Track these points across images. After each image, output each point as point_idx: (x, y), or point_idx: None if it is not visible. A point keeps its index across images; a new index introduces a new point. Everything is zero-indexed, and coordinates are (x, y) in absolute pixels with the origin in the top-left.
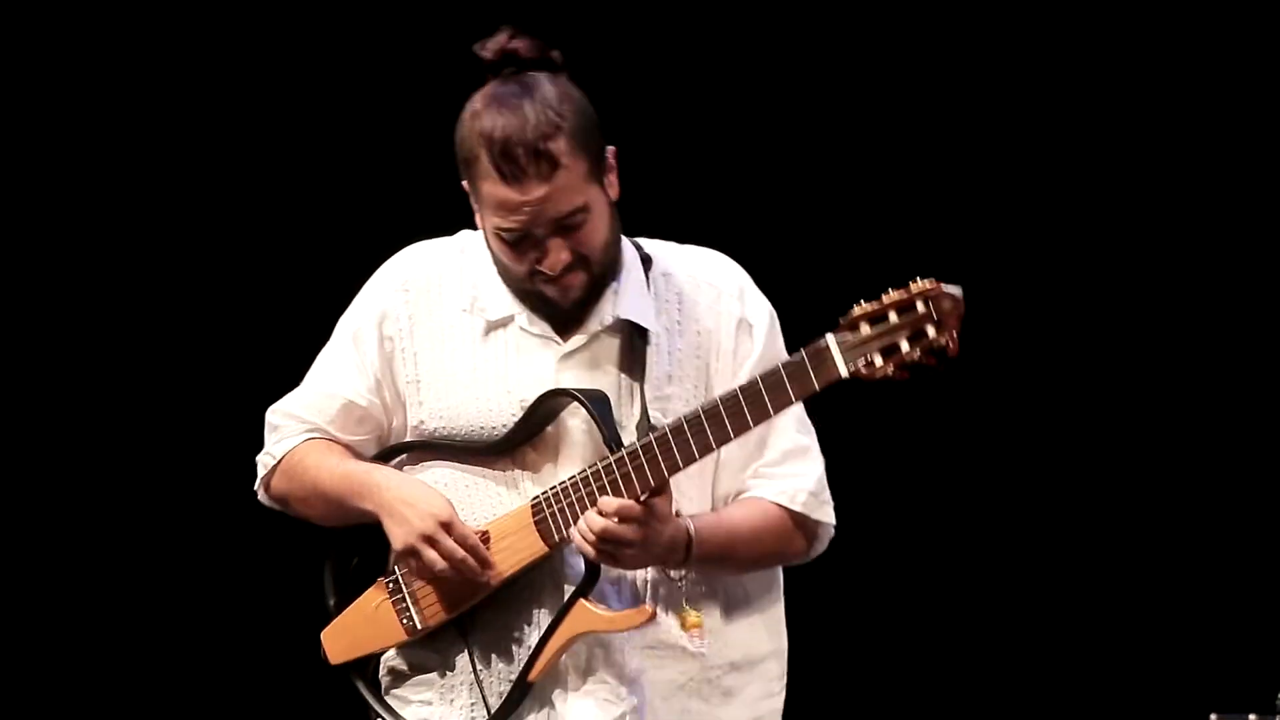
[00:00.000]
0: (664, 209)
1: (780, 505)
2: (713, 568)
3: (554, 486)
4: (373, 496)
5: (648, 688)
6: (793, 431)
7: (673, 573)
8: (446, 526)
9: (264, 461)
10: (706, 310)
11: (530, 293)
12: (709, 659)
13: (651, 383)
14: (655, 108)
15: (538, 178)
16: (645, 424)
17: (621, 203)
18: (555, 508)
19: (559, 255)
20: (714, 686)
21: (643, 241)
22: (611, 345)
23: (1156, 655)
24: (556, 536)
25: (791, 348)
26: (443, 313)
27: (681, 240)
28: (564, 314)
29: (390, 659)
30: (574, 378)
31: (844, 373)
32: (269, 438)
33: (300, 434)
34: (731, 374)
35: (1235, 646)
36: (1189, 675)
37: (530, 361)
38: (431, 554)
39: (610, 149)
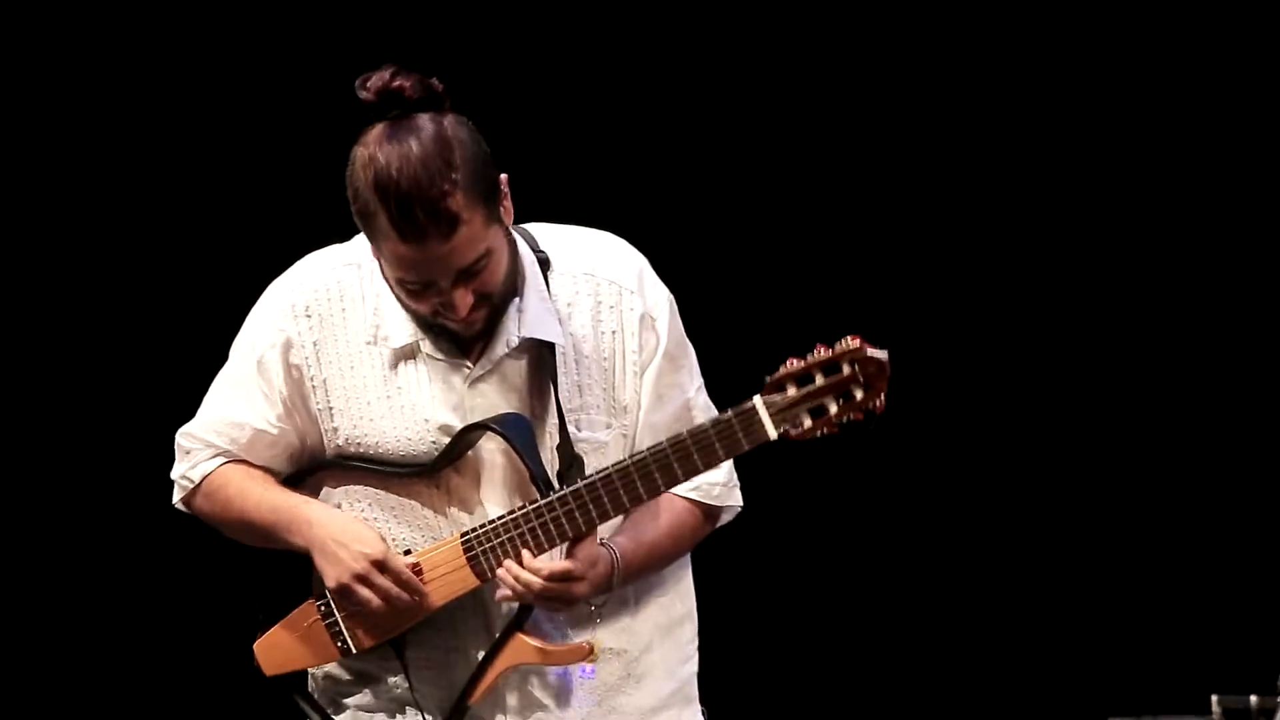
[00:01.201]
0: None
1: (694, 501)
2: (634, 581)
3: (484, 525)
4: (303, 533)
5: (580, 699)
6: (688, 422)
7: (594, 601)
8: (379, 565)
9: (181, 484)
10: (609, 310)
11: (433, 324)
12: (630, 653)
13: (564, 398)
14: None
15: (438, 236)
16: (565, 444)
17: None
18: (486, 546)
19: (464, 300)
20: (631, 677)
21: (536, 232)
22: (520, 364)
23: (1159, 639)
24: (490, 574)
25: (746, 382)
26: (347, 340)
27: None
28: (468, 337)
29: (317, 671)
30: (486, 400)
31: (773, 435)
32: (180, 460)
33: (210, 459)
34: (639, 371)
35: (1236, 630)
36: (1191, 658)
37: (441, 388)
38: (365, 593)
39: (503, 177)
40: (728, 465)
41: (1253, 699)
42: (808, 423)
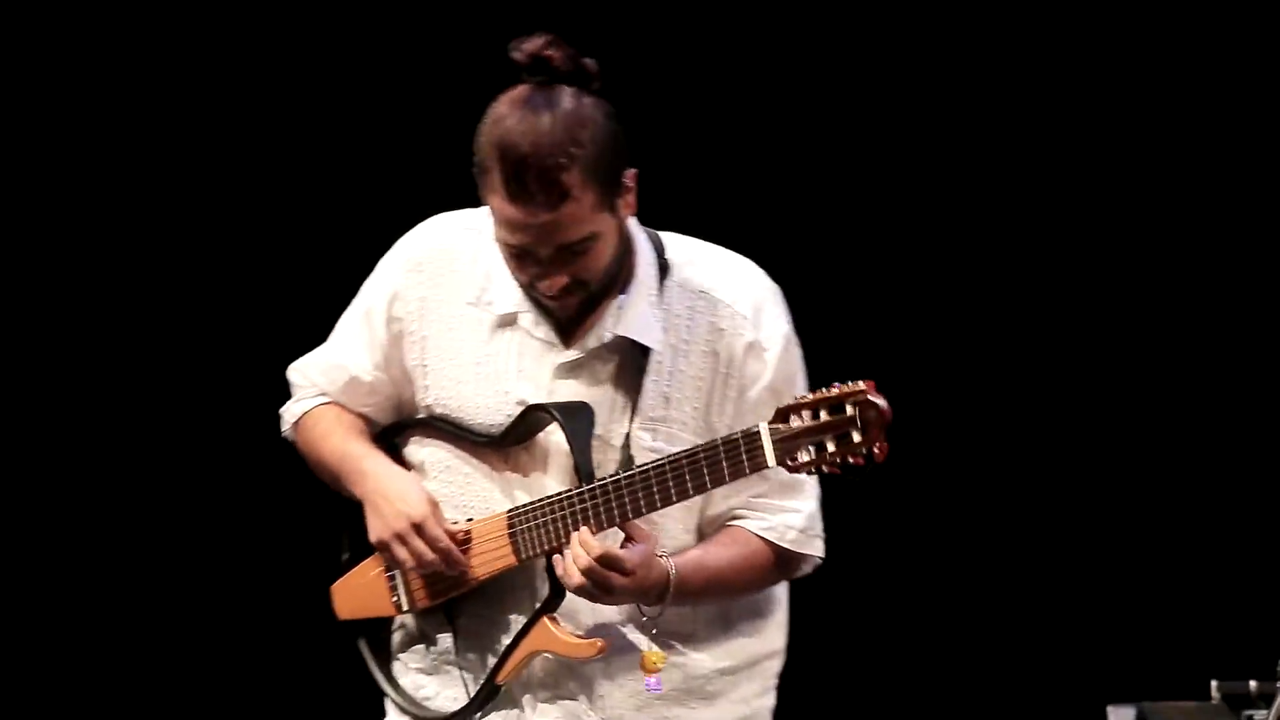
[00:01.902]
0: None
1: (767, 541)
2: (690, 604)
3: (530, 504)
4: (359, 484)
5: (620, 700)
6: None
7: (645, 609)
8: (418, 527)
9: (286, 418)
10: (717, 331)
11: (538, 301)
12: (693, 667)
13: (646, 403)
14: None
15: (545, 205)
16: (627, 449)
17: (663, 201)
18: (527, 524)
19: (557, 279)
20: (695, 694)
21: (667, 240)
22: (611, 360)
23: (1158, 625)
24: (525, 554)
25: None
26: (453, 300)
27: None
28: (567, 317)
29: (400, 621)
30: (570, 388)
31: (771, 463)
32: (293, 394)
33: (314, 398)
34: (737, 397)
35: (1235, 615)
36: (1190, 644)
37: (530, 365)
38: (402, 552)
39: (630, 172)
40: (808, 512)
41: (1252, 684)
42: (804, 457)
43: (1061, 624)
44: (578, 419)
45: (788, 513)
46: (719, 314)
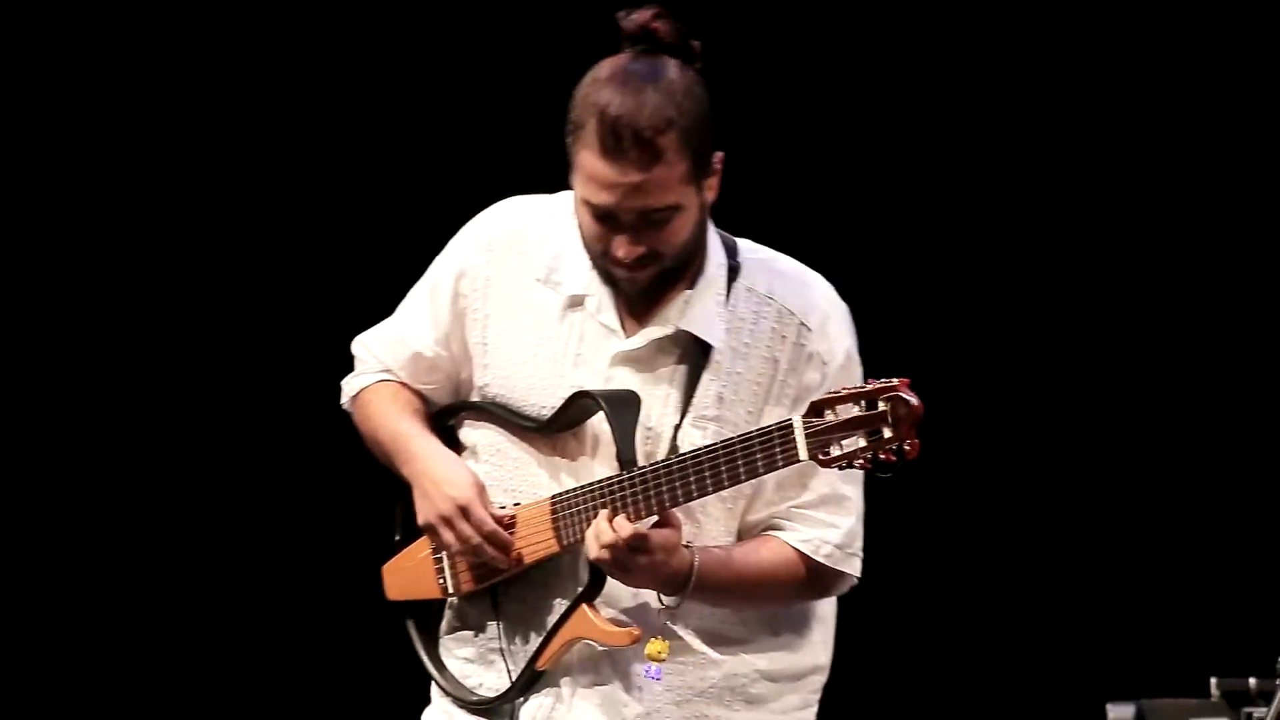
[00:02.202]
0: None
1: (801, 553)
2: (712, 603)
3: (573, 490)
4: (408, 465)
5: (659, 692)
6: (835, 477)
7: (664, 599)
8: (464, 510)
9: (345, 391)
10: (780, 338)
11: (602, 269)
12: (734, 666)
13: (700, 401)
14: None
15: (637, 164)
16: (674, 444)
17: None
18: (570, 510)
19: (635, 247)
20: (737, 694)
21: (744, 245)
22: (671, 353)
23: (1157, 622)
24: (567, 540)
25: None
26: (519, 279)
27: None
28: (632, 304)
29: (448, 604)
30: (626, 377)
31: (803, 456)
32: (355, 368)
33: (374, 373)
34: (790, 406)
35: (1234, 613)
36: (1189, 641)
37: (589, 351)
38: (448, 535)
39: (718, 155)
40: (847, 528)
41: (1251, 681)
42: (835, 451)
43: (1061, 621)
44: (623, 407)
45: (826, 527)
46: (784, 322)
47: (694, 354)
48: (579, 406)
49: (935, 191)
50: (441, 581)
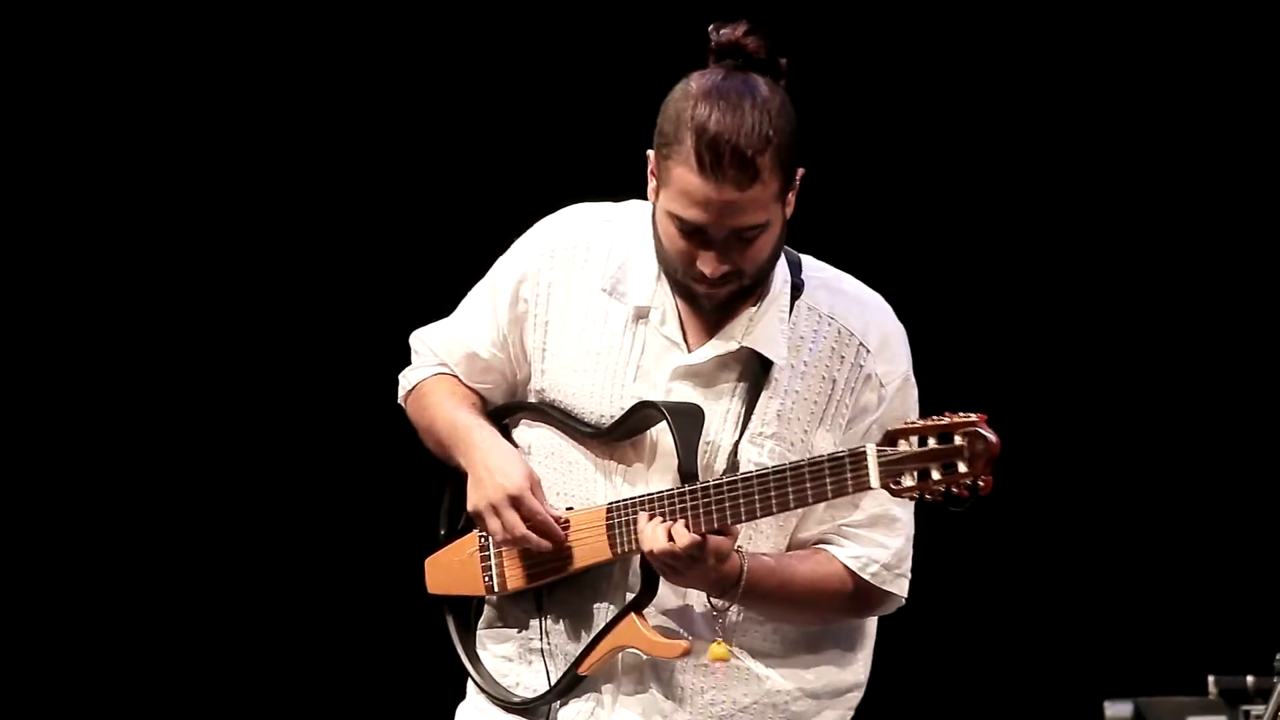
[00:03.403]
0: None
1: (850, 569)
2: (758, 609)
3: (630, 499)
4: (465, 454)
5: (701, 705)
6: (886, 498)
7: (714, 602)
8: (515, 500)
9: (402, 384)
10: (839, 359)
11: (676, 283)
12: (777, 683)
13: (759, 418)
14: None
15: (735, 183)
16: (734, 458)
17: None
18: (626, 518)
19: (721, 265)
20: (779, 710)
21: (807, 262)
22: (733, 368)
23: (1155, 620)
24: (620, 548)
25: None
26: (582, 287)
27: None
28: (695, 318)
29: (489, 603)
30: (686, 391)
31: (875, 484)
32: (412, 361)
33: (432, 367)
34: (845, 426)
35: (1232, 610)
36: (1187, 639)
37: (650, 363)
38: (495, 523)
39: (800, 170)
40: (895, 549)
41: (1249, 679)
42: (908, 482)
43: (1059, 619)
44: (687, 420)
45: (876, 546)
46: (843, 342)
47: (755, 370)
48: (641, 416)
49: (934, 191)
50: (488, 579)
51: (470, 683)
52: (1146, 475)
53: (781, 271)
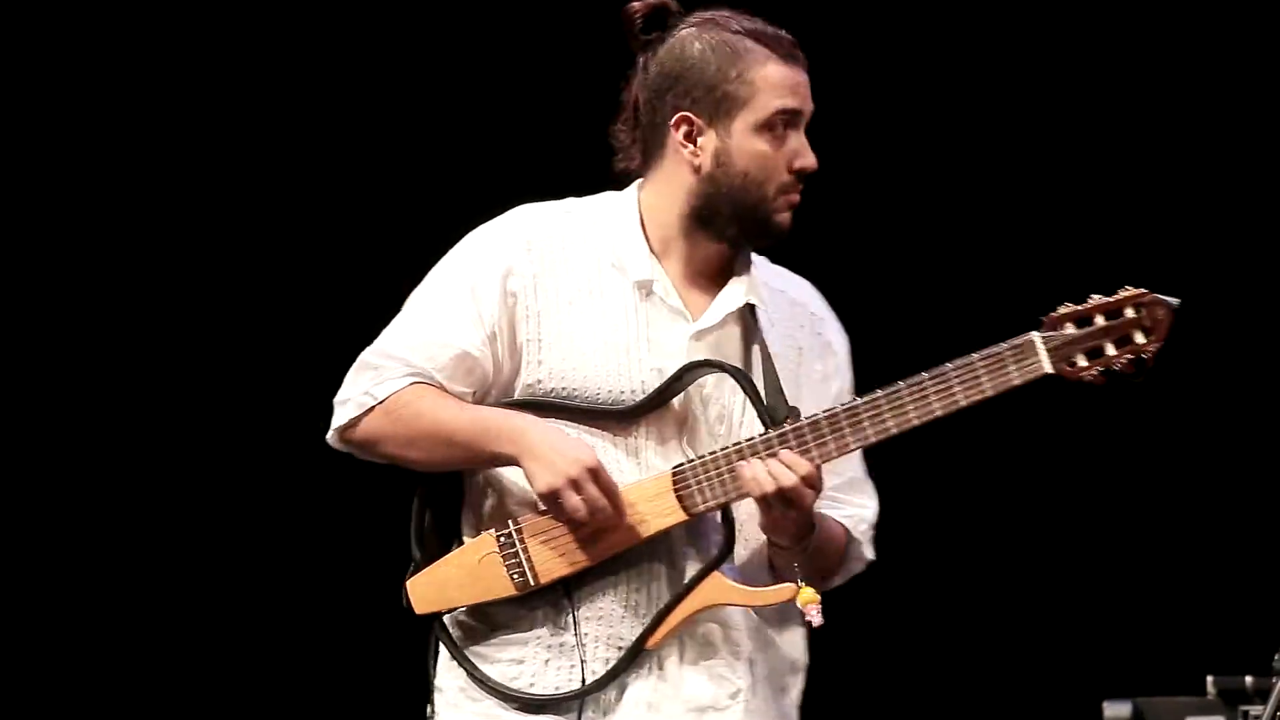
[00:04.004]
0: None
1: (845, 527)
2: (804, 560)
3: (701, 457)
4: (515, 440)
5: (756, 671)
6: (858, 461)
7: (786, 546)
8: (594, 474)
9: (359, 401)
10: (798, 327)
11: (754, 220)
12: (777, 655)
13: (780, 367)
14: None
15: (805, 66)
16: (784, 405)
17: None
18: (701, 477)
19: (812, 155)
20: (778, 683)
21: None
22: (734, 333)
23: (1153, 620)
24: (702, 505)
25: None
26: (567, 276)
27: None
28: (692, 291)
29: (461, 615)
30: (703, 354)
31: (1048, 369)
32: (362, 377)
33: (403, 377)
34: (816, 396)
35: (1231, 611)
36: (1185, 639)
37: (660, 335)
38: (575, 500)
39: None
40: (874, 509)
41: (1248, 679)
42: (1083, 362)
43: (1057, 619)
44: (744, 375)
45: (862, 508)
46: (796, 311)
47: (749, 328)
48: (681, 382)
49: (931, 192)
50: (518, 577)
51: (469, 692)
52: (1146, 476)
53: None
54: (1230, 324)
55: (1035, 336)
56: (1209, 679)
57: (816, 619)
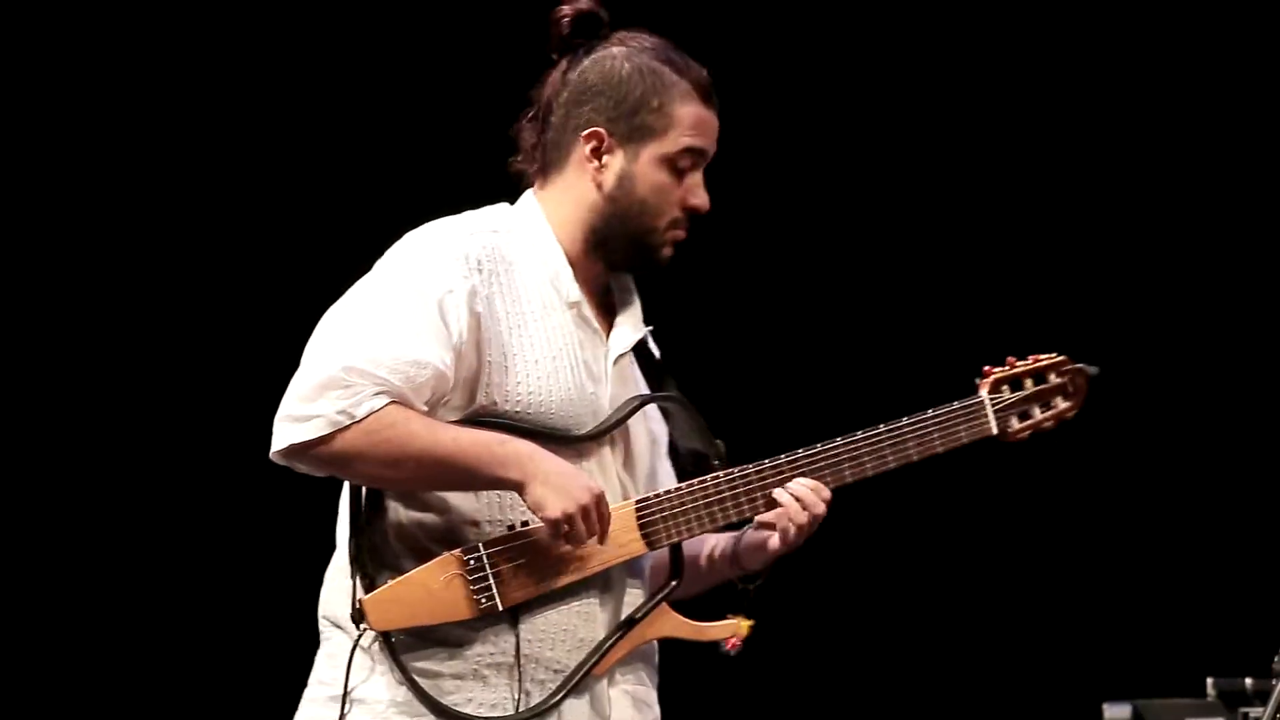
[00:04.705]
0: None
1: None
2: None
3: (667, 492)
4: (521, 466)
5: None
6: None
7: (746, 579)
8: (600, 500)
9: (332, 419)
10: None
11: (643, 248)
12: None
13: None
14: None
15: (717, 110)
16: (708, 437)
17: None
18: (666, 512)
19: (706, 196)
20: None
21: None
22: (628, 356)
23: (1153, 622)
24: (665, 540)
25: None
26: (515, 297)
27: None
28: (598, 310)
29: (422, 632)
30: (619, 377)
31: (994, 430)
32: (330, 394)
33: (378, 395)
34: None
35: (1230, 613)
36: (1185, 641)
37: (589, 357)
38: (582, 526)
39: None
40: None
41: (1247, 681)
42: (1015, 424)
43: (1057, 622)
44: (692, 408)
45: None
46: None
47: (646, 354)
48: (622, 414)
49: (930, 192)
50: (485, 600)
51: (401, 710)
52: (1146, 477)
53: None
54: (1228, 330)
55: (986, 398)
56: (1209, 681)
57: (736, 649)
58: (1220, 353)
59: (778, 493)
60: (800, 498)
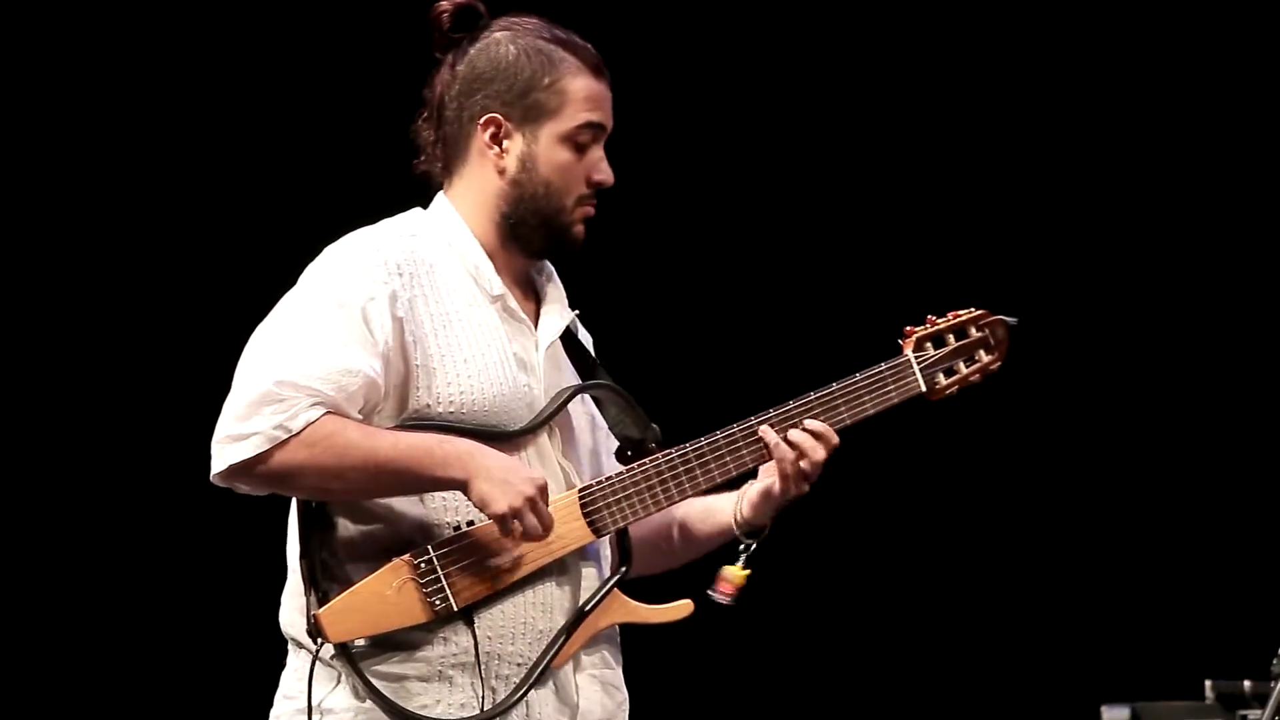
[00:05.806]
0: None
1: None
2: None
3: (608, 479)
4: (464, 464)
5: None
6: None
7: (745, 533)
8: (544, 492)
9: (270, 435)
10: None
11: (554, 228)
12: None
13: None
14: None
15: (609, 83)
16: (643, 421)
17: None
18: (610, 499)
19: (610, 170)
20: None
21: None
22: (557, 342)
23: (1152, 624)
24: (611, 527)
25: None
26: (438, 299)
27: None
28: (523, 299)
29: (361, 640)
30: (549, 365)
31: (922, 388)
32: (264, 411)
33: (313, 407)
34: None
35: (1229, 615)
36: (1184, 643)
37: (520, 349)
38: (531, 519)
39: None
40: None
41: (1246, 684)
42: (943, 380)
43: (1056, 624)
44: (625, 394)
45: None
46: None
47: (573, 341)
48: (558, 403)
49: (929, 192)
50: (439, 602)
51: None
52: (1145, 479)
53: None
54: (1227, 330)
55: (911, 357)
56: (1207, 683)
57: (729, 599)
58: (1220, 353)
59: (764, 431)
60: (804, 441)
